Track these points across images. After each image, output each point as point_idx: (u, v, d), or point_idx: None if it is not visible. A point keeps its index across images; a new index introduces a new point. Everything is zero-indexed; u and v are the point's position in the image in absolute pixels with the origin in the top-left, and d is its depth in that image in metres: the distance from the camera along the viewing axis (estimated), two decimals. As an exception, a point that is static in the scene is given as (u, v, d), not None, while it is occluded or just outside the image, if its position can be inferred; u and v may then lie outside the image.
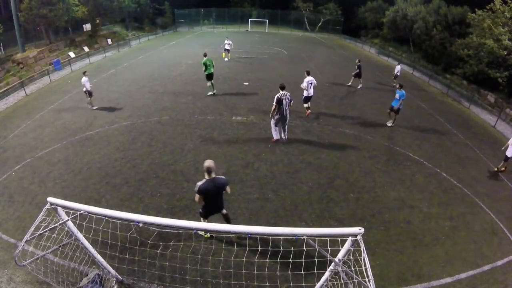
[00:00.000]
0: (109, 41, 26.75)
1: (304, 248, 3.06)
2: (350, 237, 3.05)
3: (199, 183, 4.87)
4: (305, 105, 11.47)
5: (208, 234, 5.79)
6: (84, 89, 11.15)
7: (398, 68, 17.03)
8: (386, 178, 8.16)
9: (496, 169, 9.27)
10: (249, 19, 38.35)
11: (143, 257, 5.00)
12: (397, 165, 8.89)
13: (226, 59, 20.26)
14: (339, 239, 3.16)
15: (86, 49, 23.29)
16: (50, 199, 3.53)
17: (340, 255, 3.21)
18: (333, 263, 3.25)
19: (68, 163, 8.45)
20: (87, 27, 26.23)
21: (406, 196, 7.52)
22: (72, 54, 21.77)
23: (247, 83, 15.54)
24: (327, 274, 3.65)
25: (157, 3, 36.89)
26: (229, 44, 19.88)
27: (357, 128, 11.03)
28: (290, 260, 3.73)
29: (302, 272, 3.69)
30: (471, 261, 5.76)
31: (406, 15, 26.23)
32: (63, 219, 3.70)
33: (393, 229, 6.39)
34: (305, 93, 11.12)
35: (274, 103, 8.66)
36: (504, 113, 14.75)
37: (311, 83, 10.85)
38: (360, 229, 2.88)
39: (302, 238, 2.86)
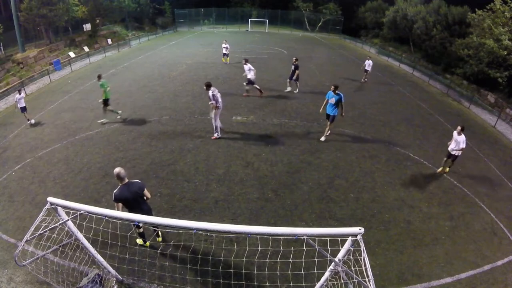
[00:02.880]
0: (109, 41, 26.76)
1: (304, 248, 3.07)
2: (350, 237, 3.05)
3: (114, 191, 4.62)
4: (249, 87, 13.47)
5: (148, 243, 5.49)
6: (19, 105, 10.82)
7: (368, 62, 16.45)
8: (386, 178, 8.16)
9: (440, 169, 8.57)
10: (249, 19, 38.36)
11: (143, 257, 5.01)
12: (397, 165, 8.89)
13: (226, 63, 19.53)
14: (339, 239, 3.16)
15: (86, 49, 23.31)
16: (50, 199, 3.53)
17: (340, 255, 3.21)
18: (333, 263, 3.25)
19: (68, 163, 8.45)
20: (87, 27, 26.24)
21: (406, 196, 7.52)
22: (72, 54, 21.78)
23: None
24: (327, 274, 3.65)
25: (157, 3, 36.91)
26: (226, 48, 18.94)
27: (357, 128, 11.03)
28: (290, 260, 3.73)
29: (302, 272, 3.70)
30: (471, 261, 5.76)
31: (406, 15, 26.23)
32: (63, 219, 3.70)
33: (393, 229, 6.39)
34: (250, 77, 13.03)
35: (213, 101, 8.86)
36: (504, 113, 14.76)
37: (250, 69, 12.99)
38: (360, 229, 2.89)
39: (302, 238, 2.86)
